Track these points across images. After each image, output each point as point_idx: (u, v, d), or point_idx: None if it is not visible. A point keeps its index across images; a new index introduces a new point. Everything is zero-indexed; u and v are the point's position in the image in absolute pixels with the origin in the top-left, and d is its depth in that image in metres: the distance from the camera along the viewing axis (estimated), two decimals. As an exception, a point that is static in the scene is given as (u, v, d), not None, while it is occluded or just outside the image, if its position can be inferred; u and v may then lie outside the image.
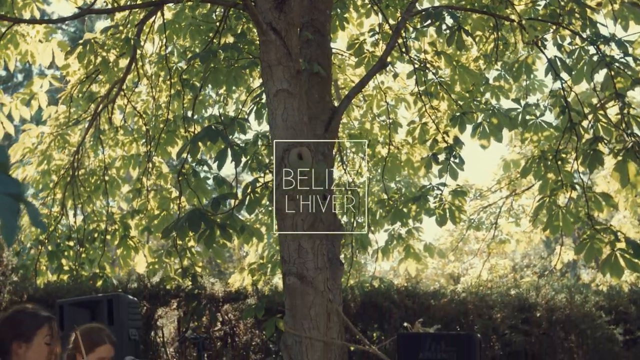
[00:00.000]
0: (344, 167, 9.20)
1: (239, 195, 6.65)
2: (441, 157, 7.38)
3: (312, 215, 5.52)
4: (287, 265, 5.58)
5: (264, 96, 6.24)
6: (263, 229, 7.97)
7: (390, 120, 8.74)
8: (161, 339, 7.28)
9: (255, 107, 7.36)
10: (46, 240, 8.37)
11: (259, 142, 7.34)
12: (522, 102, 7.56)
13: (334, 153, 9.67)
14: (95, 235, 8.37)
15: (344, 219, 9.24)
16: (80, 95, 8.21)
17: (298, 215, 5.49)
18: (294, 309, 5.60)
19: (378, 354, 5.92)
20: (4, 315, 3.54)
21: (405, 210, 8.26)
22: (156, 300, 7.38)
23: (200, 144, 6.57)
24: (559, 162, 7.15)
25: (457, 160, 7.34)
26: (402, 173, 9.18)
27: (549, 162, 7.21)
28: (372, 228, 9.24)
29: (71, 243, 8.46)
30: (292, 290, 5.56)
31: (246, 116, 7.22)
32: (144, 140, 8.48)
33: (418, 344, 5.32)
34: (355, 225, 8.89)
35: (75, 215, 8.66)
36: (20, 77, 27.33)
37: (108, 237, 8.40)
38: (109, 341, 4.50)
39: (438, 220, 7.75)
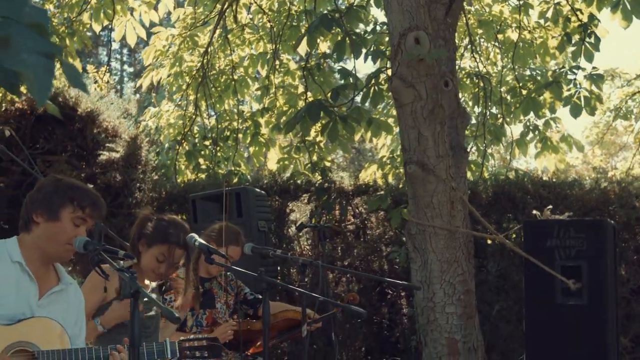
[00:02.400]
0: (476, 56, 8.84)
1: (361, 89, 6.56)
2: (575, 38, 6.91)
3: (432, 102, 5.37)
4: (408, 154, 5.51)
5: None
6: (391, 121, 7.86)
7: (521, 2, 8.23)
8: (293, 232, 7.44)
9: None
10: (183, 140, 8.67)
11: (378, 29, 7.14)
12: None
13: (465, 42, 9.35)
14: (228, 133, 8.58)
15: (476, 109, 8.97)
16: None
17: (417, 102, 5.36)
18: (416, 197, 5.56)
19: (504, 242, 5.79)
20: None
21: (539, 99, 7.88)
22: (287, 194, 7.51)
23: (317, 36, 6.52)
24: None
25: (592, 40, 6.85)
26: (534, 59, 8.70)
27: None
28: (507, 119, 8.91)
29: (207, 142, 8.73)
30: (413, 179, 5.50)
31: (364, 4, 7.03)
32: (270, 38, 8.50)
33: (546, 231, 5.14)
34: (488, 116, 8.60)
35: (208, 115, 8.90)
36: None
37: (240, 135, 8.59)
38: (239, 244, 4.67)
39: (572, 109, 7.34)
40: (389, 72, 5.75)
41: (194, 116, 8.64)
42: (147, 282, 3.94)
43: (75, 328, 3.44)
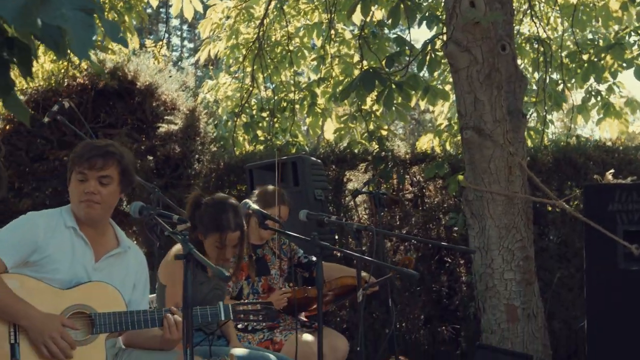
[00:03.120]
0: (535, 21, 8.64)
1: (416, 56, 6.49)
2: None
3: (488, 66, 5.29)
4: (464, 119, 5.45)
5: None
6: (448, 88, 7.76)
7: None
8: (349, 199, 7.44)
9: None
10: (241, 113, 8.74)
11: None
12: None
13: (525, 7, 9.14)
14: (285, 105, 8.62)
15: (536, 75, 8.79)
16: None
17: (473, 66, 5.29)
18: (473, 163, 5.50)
19: (564, 207, 5.69)
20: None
21: (601, 63, 7.68)
22: (344, 164, 7.50)
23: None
24: None
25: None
26: (595, 23, 8.46)
27: None
28: (568, 85, 8.71)
29: (264, 114, 8.78)
30: (470, 145, 5.44)
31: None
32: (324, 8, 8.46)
33: (607, 196, 5.02)
34: (548, 81, 8.42)
35: (265, 86, 8.93)
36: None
37: (297, 106, 8.62)
38: (284, 204, 4.70)
39: (636, 72, 7.13)
40: (445, 37, 5.67)
41: (251, 88, 8.68)
42: None
43: (135, 292, 3.52)
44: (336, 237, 6.79)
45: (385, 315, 6.87)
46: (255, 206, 4.06)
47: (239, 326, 4.51)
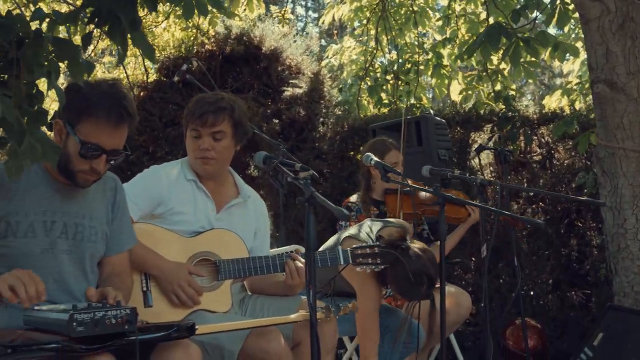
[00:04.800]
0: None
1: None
2: None
3: (622, 15, 5.04)
4: (595, 73, 5.23)
5: None
6: (579, 44, 7.46)
7: None
8: (477, 163, 7.31)
9: None
10: (365, 76, 8.74)
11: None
12: None
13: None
14: (409, 66, 8.54)
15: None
16: None
17: (604, 16, 5.05)
18: (605, 119, 5.27)
19: None
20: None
21: None
22: (469, 125, 7.36)
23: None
24: None
25: None
26: None
27: None
28: None
29: (388, 77, 8.75)
30: (601, 99, 5.22)
31: None
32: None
33: None
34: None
35: (389, 49, 8.89)
36: None
37: (421, 67, 8.53)
38: (394, 147, 4.69)
39: None
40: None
41: (375, 51, 8.66)
42: None
43: (255, 239, 3.61)
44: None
45: (512, 279, 6.75)
46: (376, 159, 4.07)
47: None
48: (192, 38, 8.22)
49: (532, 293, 6.83)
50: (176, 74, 5.12)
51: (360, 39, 9.17)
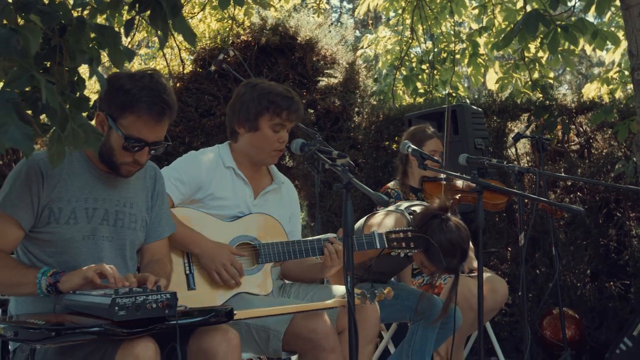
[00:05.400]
0: None
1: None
2: None
3: (663, 1, 4.95)
4: (635, 59, 5.15)
5: None
6: (620, 34, 7.33)
7: None
8: (513, 152, 7.25)
9: None
10: (400, 66, 8.71)
11: None
12: None
13: None
14: (445, 55, 8.49)
15: None
16: None
17: (645, 2, 4.97)
18: (645, 106, 5.19)
19: None
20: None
21: None
22: (506, 114, 7.29)
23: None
24: None
25: None
26: None
27: None
28: None
29: (424, 66, 8.70)
30: (641, 86, 5.14)
31: None
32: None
33: None
34: None
35: (425, 38, 8.83)
36: None
37: (457, 56, 8.47)
38: (435, 136, 4.67)
39: None
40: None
41: (410, 40, 8.62)
42: None
43: (290, 224, 3.64)
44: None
45: (549, 269, 6.69)
46: (414, 146, 4.06)
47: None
48: (227, 29, 8.26)
49: (569, 283, 6.77)
50: (213, 63, 5.14)
51: (396, 28, 9.12)
